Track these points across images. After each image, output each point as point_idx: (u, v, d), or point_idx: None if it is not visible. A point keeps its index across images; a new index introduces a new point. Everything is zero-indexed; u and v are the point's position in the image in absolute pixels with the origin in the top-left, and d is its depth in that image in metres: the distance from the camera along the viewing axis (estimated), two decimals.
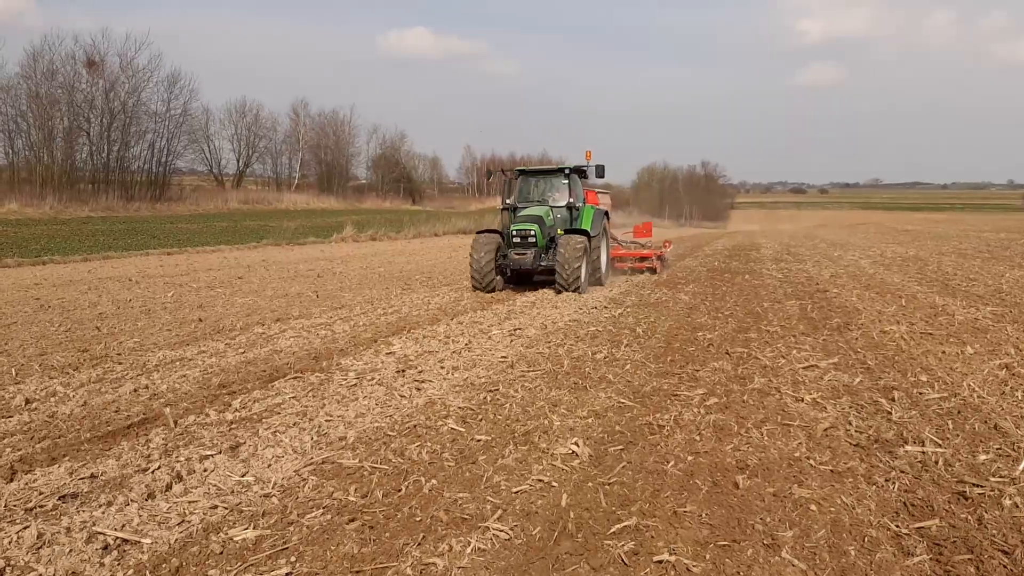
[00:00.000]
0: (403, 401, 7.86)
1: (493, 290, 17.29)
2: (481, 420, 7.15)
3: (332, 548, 4.59)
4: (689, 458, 6.07)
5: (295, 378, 8.85)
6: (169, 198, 59.48)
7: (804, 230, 64.30)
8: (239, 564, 4.39)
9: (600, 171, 18.24)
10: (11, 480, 5.76)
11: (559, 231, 17.77)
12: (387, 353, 10.19)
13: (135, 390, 8.30)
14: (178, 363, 9.69)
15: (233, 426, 7.09)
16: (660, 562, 4.39)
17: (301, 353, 10.34)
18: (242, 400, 7.93)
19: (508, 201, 19.13)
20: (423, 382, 8.61)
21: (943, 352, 9.74)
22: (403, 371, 9.15)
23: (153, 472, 5.82)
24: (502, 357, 9.84)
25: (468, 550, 4.51)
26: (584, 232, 17.54)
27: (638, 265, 21.92)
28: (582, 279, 16.62)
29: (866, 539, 4.70)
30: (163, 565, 4.39)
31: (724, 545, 4.62)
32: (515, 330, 11.89)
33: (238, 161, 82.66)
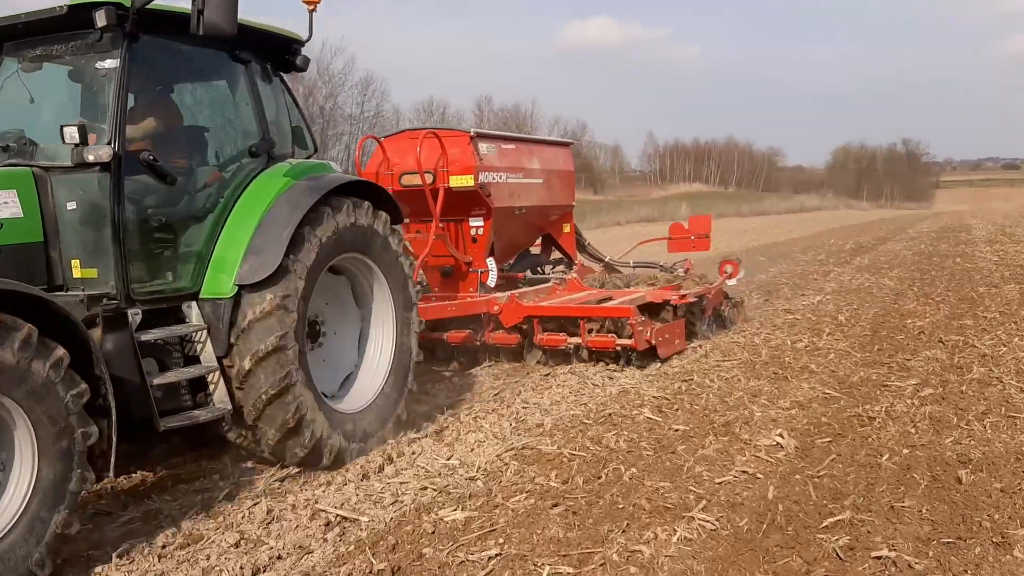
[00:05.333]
0: (596, 390, 7.91)
1: None
2: (677, 410, 7.06)
3: (538, 532, 4.67)
4: (904, 451, 5.74)
5: (489, 366, 9.11)
6: None
7: (1020, 209, 59.08)
8: (451, 544, 4.56)
9: (228, 17, 4.77)
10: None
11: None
12: None
13: None
14: None
15: (436, 411, 7.38)
16: (879, 558, 4.17)
17: None
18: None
19: None
20: (615, 371, 8.61)
21: None
22: (595, 361, 9.19)
23: (367, 454, 6.16)
24: (695, 345, 9.67)
25: (674, 539, 4.46)
26: None
27: (599, 343, 8.64)
28: None
29: None
30: (380, 542, 4.63)
31: (948, 542, 4.33)
32: None
33: None
